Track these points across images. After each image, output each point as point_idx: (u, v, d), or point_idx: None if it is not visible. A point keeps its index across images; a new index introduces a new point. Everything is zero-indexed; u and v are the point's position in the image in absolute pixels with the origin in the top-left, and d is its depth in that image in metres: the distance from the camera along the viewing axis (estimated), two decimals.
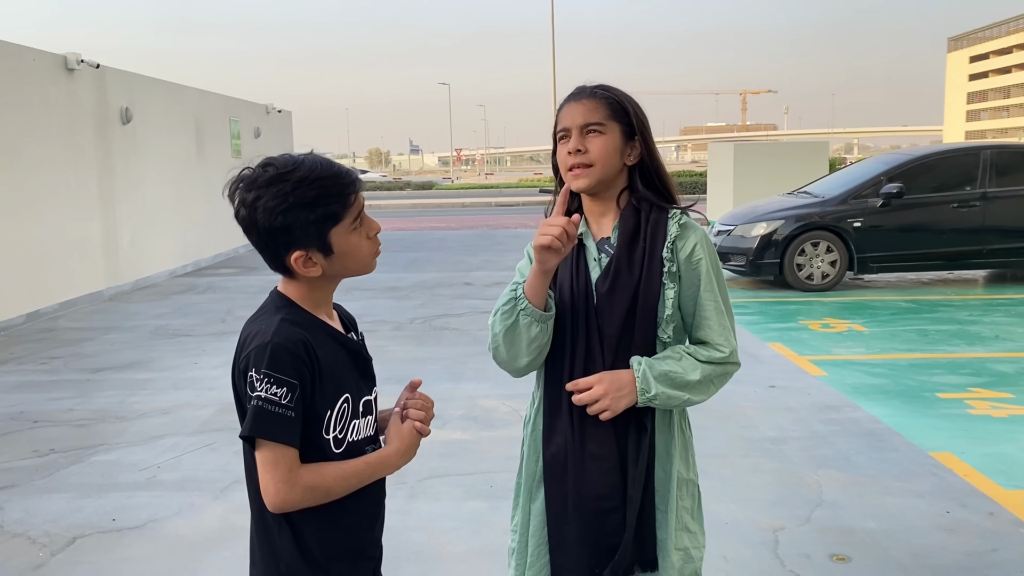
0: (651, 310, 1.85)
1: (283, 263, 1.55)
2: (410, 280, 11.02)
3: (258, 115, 16.41)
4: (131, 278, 10.75)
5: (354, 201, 1.55)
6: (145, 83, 11.64)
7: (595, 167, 1.87)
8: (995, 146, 10.20)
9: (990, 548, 3.38)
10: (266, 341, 1.49)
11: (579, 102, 1.91)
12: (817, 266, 9.66)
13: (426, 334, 7.64)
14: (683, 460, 1.94)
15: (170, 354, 7.01)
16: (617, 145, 1.88)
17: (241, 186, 1.52)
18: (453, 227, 20.12)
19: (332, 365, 1.56)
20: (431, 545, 3.50)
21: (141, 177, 11.26)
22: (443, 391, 5.74)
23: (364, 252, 1.60)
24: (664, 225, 1.88)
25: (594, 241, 1.94)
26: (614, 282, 1.86)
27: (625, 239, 1.88)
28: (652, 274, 1.85)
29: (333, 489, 1.55)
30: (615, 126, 1.89)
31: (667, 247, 1.86)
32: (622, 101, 1.91)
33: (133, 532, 3.68)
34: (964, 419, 5.00)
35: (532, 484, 1.99)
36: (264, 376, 1.46)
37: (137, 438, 4.90)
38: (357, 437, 1.63)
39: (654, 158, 1.94)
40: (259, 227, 1.51)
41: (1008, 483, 4.02)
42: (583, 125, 1.88)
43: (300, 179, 1.49)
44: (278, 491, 1.48)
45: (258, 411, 1.46)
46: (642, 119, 1.92)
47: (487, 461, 4.44)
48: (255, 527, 1.61)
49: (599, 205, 1.95)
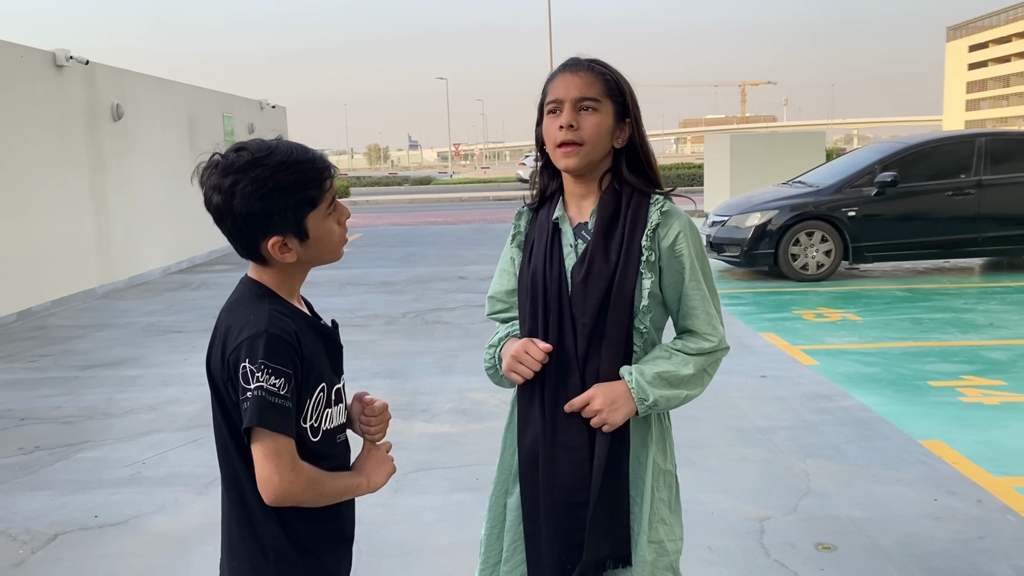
0: (626, 300, 1.77)
1: (257, 249, 1.52)
2: (404, 275, 10.99)
3: (252, 111, 16.37)
4: (124, 275, 10.72)
5: (329, 186, 1.54)
6: (136, 79, 11.59)
7: (586, 146, 1.78)
8: (990, 134, 10.15)
9: (977, 535, 3.35)
10: (260, 331, 1.46)
11: (575, 74, 1.81)
12: (812, 256, 9.62)
13: (418, 328, 7.61)
14: (660, 449, 1.88)
15: (161, 351, 6.99)
16: (609, 125, 1.80)
17: (215, 171, 1.49)
18: (450, 221, 20.07)
19: (313, 354, 1.55)
20: (414, 538, 3.47)
21: (134, 174, 11.23)
22: (433, 384, 5.72)
23: (336, 238, 1.58)
24: (645, 211, 1.81)
25: (571, 226, 1.86)
26: (588, 270, 1.79)
27: (603, 225, 1.81)
28: (629, 263, 1.77)
29: (325, 487, 1.55)
30: (609, 105, 1.80)
31: (647, 235, 1.78)
32: (617, 79, 1.83)
33: (115, 528, 3.65)
34: (955, 407, 4.97)
35: (508, 478, 1.96)
36: (262, 366, 1.44)
37: (123, 435, 4.87)
38: (330, 425, 1.61)
39: (643, 142, 1.86)
40: (236, 213, 1.48)
41: (997, 470, 3.99)
42: (577, 99, 1.78)
43: (278, 164, 1.47)
44: (282, 481, 1.46)
45: (261, 401, 1.43)
46: (635, 100, 1.85)
47: (475, 454, 4.42)
48: (234, 517, 1.58)
49: (581, 187, 1.87)
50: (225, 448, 1.56)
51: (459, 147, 79.93)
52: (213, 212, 1.51)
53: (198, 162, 1.54)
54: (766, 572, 3.12)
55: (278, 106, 17.97)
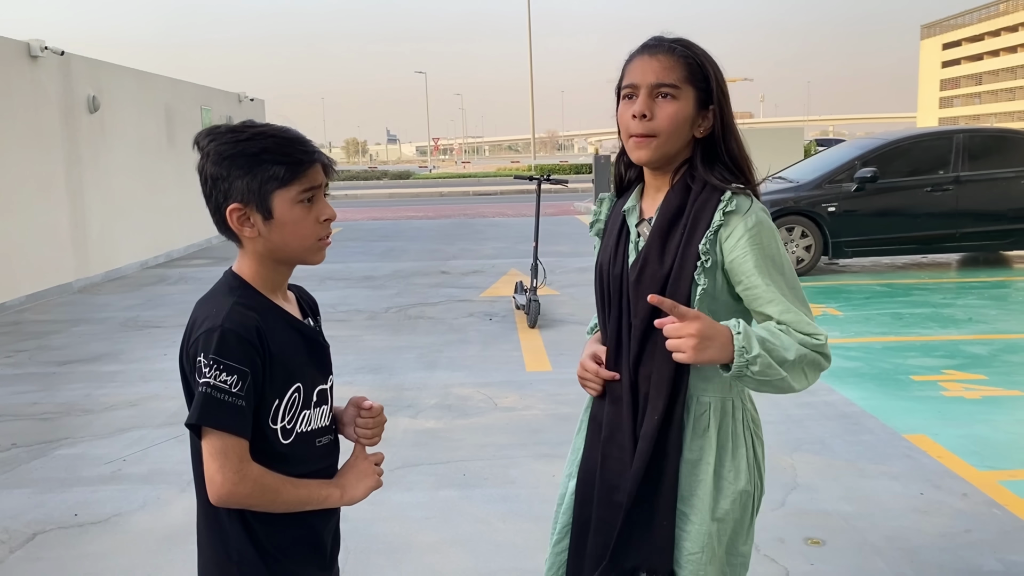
0: None
1: (224, 219, 1.49)
2: (386, 269, 10.92)
3: (230, 104, 16.20)
4: (101, 270, 10.57)
5: (306, 172, 1.48)
6: (113, 71, 11.42)
7: (660, 138, 1.65)
8: (968, 130, 10.24)
9: (964, 529, 3.36)
10: (215, 325, 1.42)
11: (654, 57, 1.65)
12: (792, 251, 9.66)
13: (401, 323, 7.56)
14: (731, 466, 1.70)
15: (139, 346, 6.89)
16: (689, 114, 1.65)
17: (203, 134, 1.50)
18: (430, 216, 19.99)
19: (284, 352, 1.50)
20: (401, 535, 3.44)
21: (110, 167, 11.07)
22: (417, 380, 5.68)
23: (307, 231, 1.51)
24: (711, 210, 1.64)
25: (636, 220, 1.76)
26: (641, 271, 1.69)
27: (662, 224, 1.68)
28: (684, 267, 1.64)
29: (281, 493, 1.48)
30: (690, 91, 1.65)
31: (707, 237, 1.63)
32: (703, 63, 1.67)
33: (96, 527, 3.58)
34: (938, 401, 5.01)
35: (575, 460, 1.89)
36: (213, 362, 1.40)
37: (103, 431, 4.80)
38: (308, 428, 1.56)
39: (728, 132, 1.70)
40: (207, 174, 1.47)
41: (981, 464, 4.02)
42: (654, 85, 1.64)
43: (257, 133, 1.47)
44: (225, 482, 1.41)
45: (206, 398, 1.39)
46: (723, 86, 1.69)
47: (460, 450, 4.39)
48: (202, 514, 1.54)
49: (658, 179, 1.74)
50: (195, 443, 1.52)
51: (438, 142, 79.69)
52: (199, 176, 1.51)
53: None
54: (756, 567, 3.11)
55: (256, 99, 17.80)
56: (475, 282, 9.76)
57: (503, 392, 5.35)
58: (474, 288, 9.32)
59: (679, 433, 1.68)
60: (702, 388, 1.71)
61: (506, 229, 16.03)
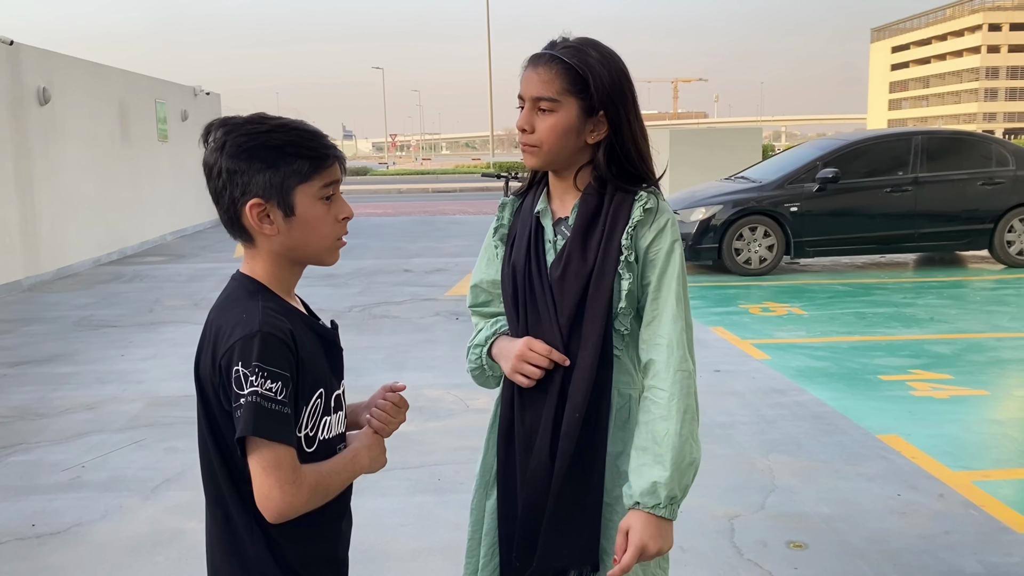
0: (603, 301, 1.67)
1: (239, 217, 1.40)
2: (347, 267, 10.75)
3: (185, 98, 15.84)
4: (52, 267, 10.23)
5: (329, 167, 1.43)
6: (64, 62, 11.06)
7: (543, 148, 1.69)
8: (926, 132, 10.41)
9: (943, 531, 3.37)
10: (253, 331, 1.33)
11: (535, 69, 1.69)
12: (755, 251, 9.73)
13: (366, 323, 7.44)
14: None
15: (95, 346, 6.67)
16: (570, 124, 1.67)
17: (216, 126, 1.42)
18: (390, 213, 19.79)
19: (311, 357, 1.43)
20: (378, 544, 3.34)
21: (61, 161, 10.72)
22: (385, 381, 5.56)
23: (327, 231, 1.46)
24: (628, 208, 1.69)
25: (551, 221, 1.78)
26: (565, 269, 1.70)
27: (582, 223, 1.71)
28: (607, 263, 1.67)
29: (331, 488, 1.44)
30: (572, 101, 1.66)
31: (627, 233, 1.67)
32: (586, 69, 1.66)
33: (55, 538, 3.43)
34: (907, 401, 5.05)
35: (489, 480, 1.87)
36: (257, 369, 1.31)
37: (59, 436, 4.61)
38: (329, 435, 1.49)
39: (623, 136, 1.71)
40: (223, 167, 1.39)
41: (955, 464, 4.05)
42: (534, 99, 1.69)
43: (278, 125, 1.41)
44: (284, 495, 1.33)
45: (256, 408, 1.30)
46: (610, 92, 1.67)
47: (434, 453, 4.30)
48: (218, 538, 1.45)
49: (561, 181, 1.78)
50: (209, 462, 1.43)
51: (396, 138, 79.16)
52: (206, 170, 1.43)
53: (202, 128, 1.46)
54: (740, 572, 3.09)
55: (212, 93, 17.44)
56: (439, 280, 9.65)
57: (474, 393, 5.27)
58: (439, 287, 9.22)
59: (605, 428, 1.70)
60: (624, 381, 1.74)
61: (468, 227, 15.93)
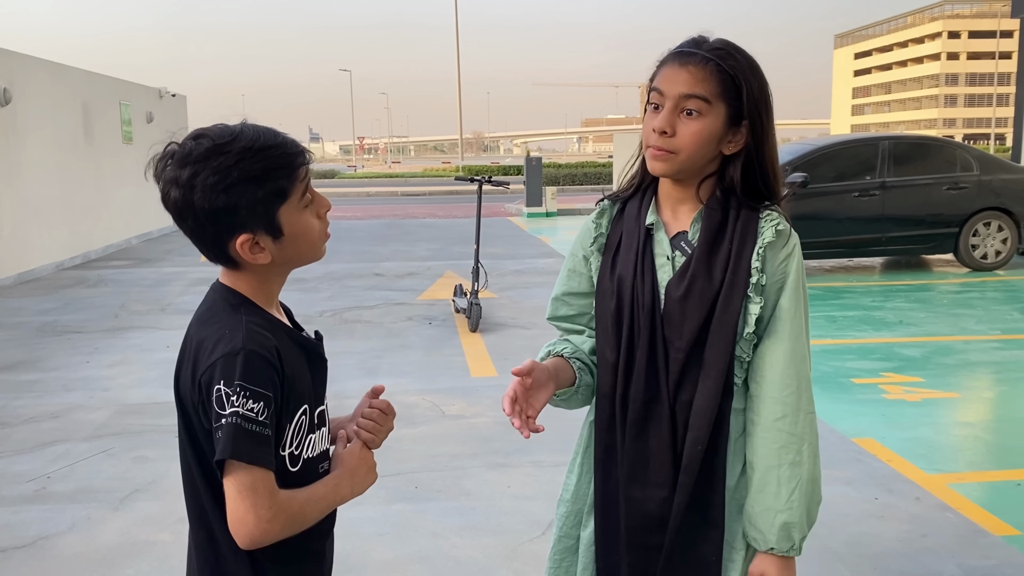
0: (730, 326, 1.53)
1: (225, 251, 1.33)
2: (317, 271, 10.62)
3: (150, 99, 15.60)
4: (13, 271, 10.00)
5: (303, 174, 1.35)
6: (25, 62, 10.83)
7: (680, 155, 1.54)
8: (893, 137, 10.54)
9: (920, 534, 3.39)
10: (236, 348, 1.27)
11: (684, 67, 1.52)
12: None
13: (337, 327, 7.35)
14: None
15: (59, 352, 6.51)
16: (716, 131, 1.53)
17: (171, 163, 1.29)
18: (359, 216, 19.64)
19: (295, 373, 1.36)
20: (356, 553, 3.28)
21: (22, 163, 10.49)
22: (358, 387, 5.45)
23: (315, 233, 1.39)
24: (755, 227, 1.56)
25: (666, 235, 1.62)
26: (689, 288, 1.55)
27: (707, 239, 1.56)
28: (736, 284, 1.53)
29: (308, 517, 1.36)
30: (721, 108, 1.52)
31: (757, 253, 1.55)
32: (738, 76, 1.52)
33: (20, 552, 3.32)
34: (880, 404, 5.09)
35: (583, 508, 1.71)
36: (239, 388, 1.25)
37: (22, 446, 4.48)
38: (312, 453, 1.43)
39: (763, 150, 1.57)
40: (197, 210, 1.28)
41: (930, 467, 4.08)
42: (681, 97, 1.52)
43: (243, 150, 1.28)
44: (259, 521, 1.27)
45: (236, 429, 1.24)
46: (757, 102, 1.55)
47: (410, 460, 4.24)
48: (201, 558, 1.39)
49: (679, 190, 1.62)
50: (192, 480, 1.37)
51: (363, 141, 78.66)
52: (171, 209, 1.32)
53: (151, 154, 1.34)
54: None
55: (178, 95, 17.19)
56: (411, 284, 9.58)
57: (450, 399, 5.22)
58: (410, 291, 9.15)
59: (724, 460, 1.58)
60: (737, 409, 1.60)
61: (438, 230, 15.85)
